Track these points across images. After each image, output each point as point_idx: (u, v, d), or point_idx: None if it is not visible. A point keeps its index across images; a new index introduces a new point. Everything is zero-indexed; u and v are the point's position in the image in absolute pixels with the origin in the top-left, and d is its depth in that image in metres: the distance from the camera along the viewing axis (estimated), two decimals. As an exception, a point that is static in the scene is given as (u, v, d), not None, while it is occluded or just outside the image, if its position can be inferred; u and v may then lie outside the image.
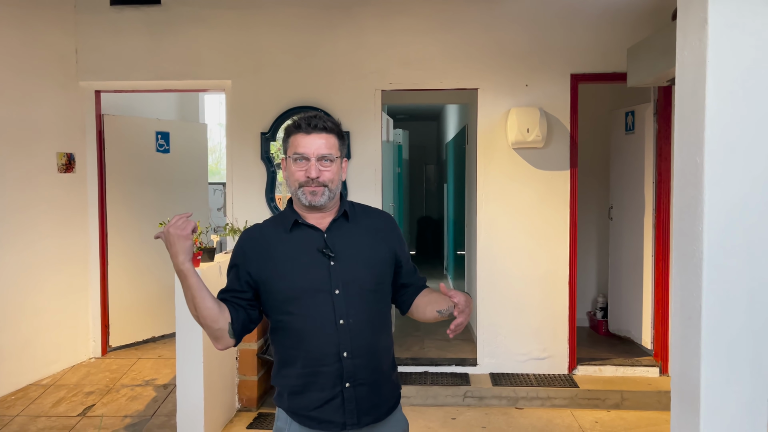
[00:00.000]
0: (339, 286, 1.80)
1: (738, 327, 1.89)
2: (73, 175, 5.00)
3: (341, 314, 1.79)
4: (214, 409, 3.82)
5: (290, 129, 1.85)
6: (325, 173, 1.81)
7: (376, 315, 1.86)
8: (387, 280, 1.91)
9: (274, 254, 1.84)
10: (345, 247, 1.85)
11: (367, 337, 1.83)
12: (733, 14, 1.84)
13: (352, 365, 1.79)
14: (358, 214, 1.94)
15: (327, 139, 1.82)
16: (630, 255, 5.16)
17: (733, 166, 1.86)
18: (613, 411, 4.28)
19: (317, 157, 1.80)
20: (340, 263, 1.82)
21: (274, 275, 1.82)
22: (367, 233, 1.91)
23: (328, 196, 1.83)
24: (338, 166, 1.85)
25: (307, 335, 1.80)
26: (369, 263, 1.86)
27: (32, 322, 4.69)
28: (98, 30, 4.88)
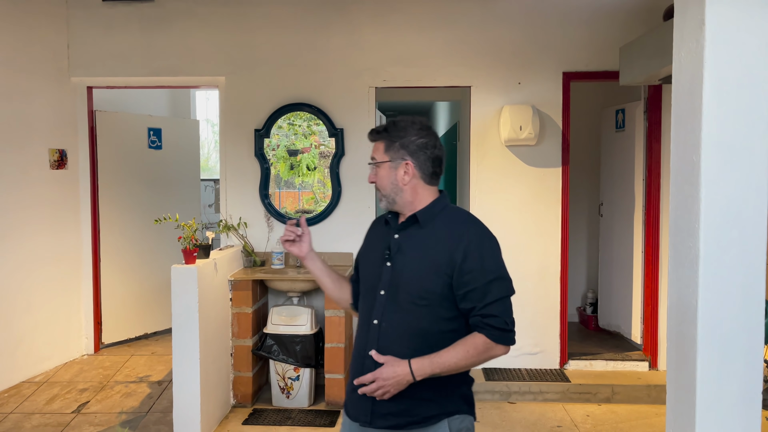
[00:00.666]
0: (385, 287, 1.84)
1: (733, 322, 1.93)
2: (65, 171, 4.98)
3: (377, 315, 1.84)
4: (209, 406, 3.83)
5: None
6: (375, 177, 1.92)
7: (415, 327, 1.80)
8: (437, 296, 1.78)
9: (369, 244, 2.03)
10: (406, 251, 1.85)
11: (399, 345, 1.79)
12: (731, 15, 1.88)
13: (373, 366, 1.80)
14: (438, 220, 1.86)
15: (375, 145, 1.92)
16: (620, 251, 5.23)
17: (730, 164, 1.91)
18: (604, 405, 4.35)
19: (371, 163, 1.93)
20: (394, 266, 1.84)
21: (361, 262, 2.04)
22: (435, 242, 1.82)
23: (386, 201, 1.91)
24: (387, 170, 1.88)
25: (359, 323, 1.94)
26: (418, 273, 1.80)
27: (24, 319, 4.67)
28: (90, 26, 4.86)
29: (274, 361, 4.24)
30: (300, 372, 4.23)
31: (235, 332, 4.26)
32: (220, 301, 4.07)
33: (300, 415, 4.12)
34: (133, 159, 5.53)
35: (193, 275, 3.63)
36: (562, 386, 4.42)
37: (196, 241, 3.80)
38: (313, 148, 4.78)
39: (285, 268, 4.53)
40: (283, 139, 4.77)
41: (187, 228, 3.81)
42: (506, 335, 1.78)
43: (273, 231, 4.73)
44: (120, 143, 5.40)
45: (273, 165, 4.78)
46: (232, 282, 4.25)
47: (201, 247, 3.84)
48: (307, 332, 4.23)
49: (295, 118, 4.76)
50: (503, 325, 1.76)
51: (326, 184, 4.79)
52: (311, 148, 4.78)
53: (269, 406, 4.28)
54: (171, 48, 4.80)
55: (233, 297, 4.25)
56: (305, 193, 4.83)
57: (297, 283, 4.33)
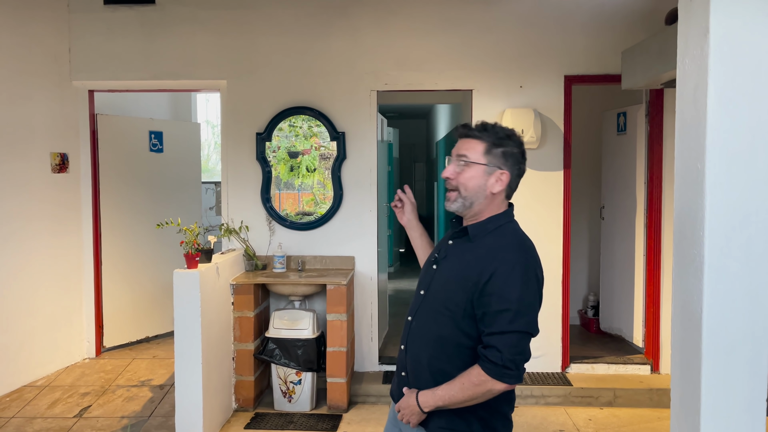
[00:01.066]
0: (426, 289, 1.89)
1: (738, 329, 1.93)
2: (66, 175, 4.98)
3: (412, 312, 1.92)
4: (211, 410, 3.83)
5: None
6: (459, 176, 1.79)
7: (435, 334, 1.80)
8: (459, 311, 1.74)
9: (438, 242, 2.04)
10: (450, 260, 1.85)
11: (418, 346, 1.88)
12: (735, 23, 1.88)
13: (404, 359, 1.93)
14: (486, 237, 1.80)
15: (468, 142, 1.81)
16: (621, 254, 5.23)
17: (735, 172, 1.90)
18: (606, 408, 4.35)
19: (454, 157, 1.82)
20: (438, 271, 1.87)
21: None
22: (472, 259, 1.77)
23: (461, 203, 1.80)
24: (477, 172, 1.77)
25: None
26: (446, 285, 1.81)
27: (26, 323, 4.67)
28: (92, 29, 4.86)
29: (276, 365, 4.24)
30: (302, 376, 4.22)
31: (236, 336, 4.26)
32: (221, 305, 4.07)
33: (302, 419, 4.12)
34: (134, 162, 5.53)
35: (195, 280, 3.63)
36: (564, 390, 4.42)
37: (198, 246, 3.80)
38: (313, 150, 4.78)
39: (286, 272, 4.53)
40: (284, 141, 4.77)
41: (189, 232, 3.80)
42: (501, 371, 1.66)
43: (274, 235, 4.73)
44: (121, 146, 5.40)
45: (273, 167, 4.78)
46: (234, 286, 4.25)
47: (203, 251, 3.84)
48: (308, 336, 4.22)
49: (296, 120, 4.76)
50: (498, 360, 1.65)
51: (326, 185, 4.79)
52: (311, 149, 4.78)
53: (271, 410, 4.28)
54: (172, 52, 4.80)
55: (235, 301, 4.24)
56: (305, 194, 4.83)
57: (299, 287, 4.33)
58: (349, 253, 4.71)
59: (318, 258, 4.72)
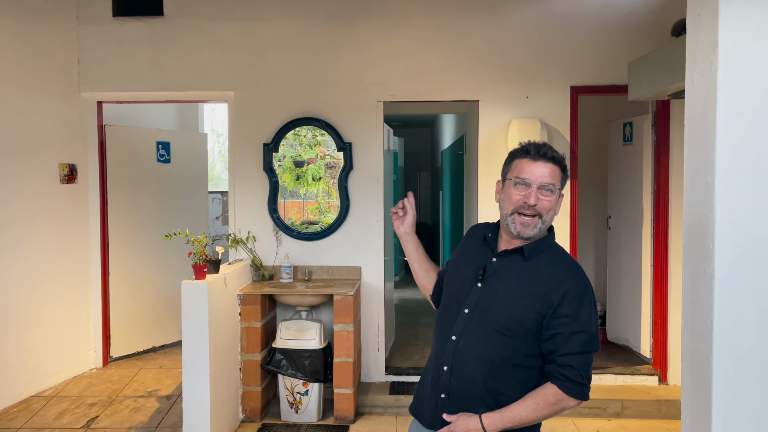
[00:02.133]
0: (471, 307, 1.83)
1: (749, 343, 1.93)
2: (75, 185, 5.00)
3: (457, 332, 1.84)
4: (219, 420, 3.83)
5: (516, 153, 1.86)
6: (544, 202, 1.79)
7: (493, 356, 1.78)
8: (524, 332, 1.76)
9: (462, 254, 2.00)
10: (501, 278, 1.82)
11: (472, 368, 1.80)
12: (744, 37, 1.89)
13: (447, 381, 1.84)
14: (542, 256, 1.83)
15: (552, 169, 1.80)
16: (628, 264, 5.22)
17: (744, 185, 1.91)
18: (614, 420, 4.33)
19: (539, 185, 1.78)
20: (484, 289, 1.83)
21: (450, 270, 2.00)
22: (534, 279, 1.79)
23: (539, 228, 1.81)
24: (556, 197, 1.82)
25: (436, 334, 1.93)
26: (507, 305, 1.78)
27: (33, 333, 4.68)
28: (100, 41, 4.90)
29: (283, 376, 4.24)
30: (309, 386, 4.22)
31: (243, 347, 4.26)
32: (229, 315, 4.08)
33: (309, 430, 4.12)
34: (142, 173, 5.56)
35: (203, 291, 3.64)
36: (572, 401, 4.40)
37: (206, 257, 3.81)
38: (318, 159, 4.80)
39: (293, 282, 4.53)
40: (289, 150, 4.79)
41: (197, 243, 3.82)
42: (579, 389, 1.74)
43: (281, 245, 4.75)
44: (129, 157, 5.43)
45: (280, 176, 4.80)
46: (241, 296, 4.25)
47: (211, 262, 3.85)
48: (315, 347, 4.23)
49: (301, 129, 4.78)
50: (578, 378, 1.73)
51: (331, 194, 4.80)
52: (317, 158, 4.80)
53: (278, 420, 4.27)
54: (180, 63, 4.83)
55: (242, 311, 4.25)
56: (310, 203, 4.84)
57: (306, 298, 4.34)
58: (356, 264, 4.72)
59: (325, 268, 4.72)
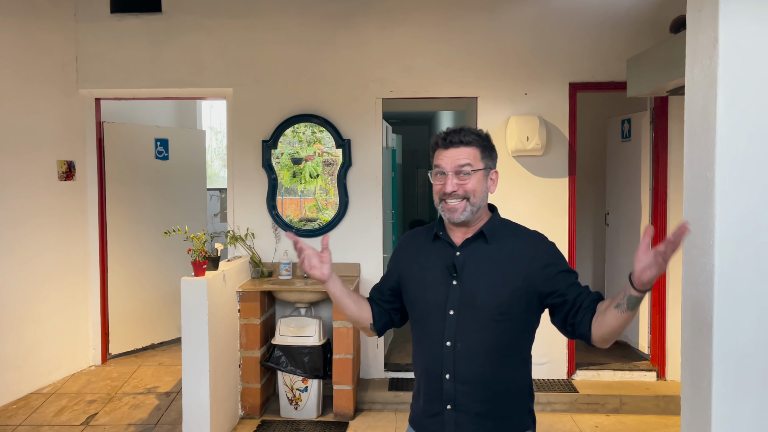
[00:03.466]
0: (454, 307, 1.77)
1: (748, 338, 1.94)
2: (73, 182, 4.99)
3: (449, 336, 1.77)
4: (218, 417, 3.83)
5: (432, 145, 1.85)
6: (465, 184, 1.77)
7: (495, 344, 1.76)
8: (519, 310, 1.75)
9: (415, 262, 1.90)
10: (474, 268, 1.78)
11: (479, 365, 1.76)
12: (745, 33, 1.90)
13: (453, 389, 1.77)
14: (503, 235, 1.83)
15: (465, 151, 1.78)
16: (626, 260, 5.23)
17: (744, 181, 1.91)
18: (613, 415, 4.34)
19: (454, 170, 1.77)
20: (462, 284, 1.77)
21: (409, 282, 1.90)
22: (505, 258, 1.78)
23: (469, 211, 1.77)
24: (480, 177, 1.78)
25: (423, 347, 1.85)
26: (495, 290, 1.75)
27: (32, 330, 4.68)
28: (98, 38, 4.88)
29: (282, 373, 4.25)
30: (308, 383, 4.23)
31: (243, 343, 4.26)
32: (228, 312, 4.08)
33: (308, 427, 4.12)
34: (140, 170, 5.55)
35: (203, 288, 3.64)
36: (570, 397, 4.42)
37: (206, 254, 3.81)
38: (316, 156, 4.80)
39: (292, 279, 4.54)
40: (287, 147, 4.79)
41: (197, 240, 3.82)
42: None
43: (280, 242, 4.75)
44: (127, 154, 5.42)
45: (278, 173, 4.80)
46: (240, 293, 4.25)
47: (210, 259, 3.85)
48: (315, 343, 4.23)
49: (299, 125, 4.77)
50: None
51: (329, 191, 4.80)
52: (314, 155, 4.80)
53: (277, 417, 4.28)
54: (178, 60, 4.82)
55: (241, 308, 4.25)
56: (307, 200, 4.84)
57: (305, 294, 4.34)
58: (355, 260, 4.72)
59: (324, 265, 4.71)
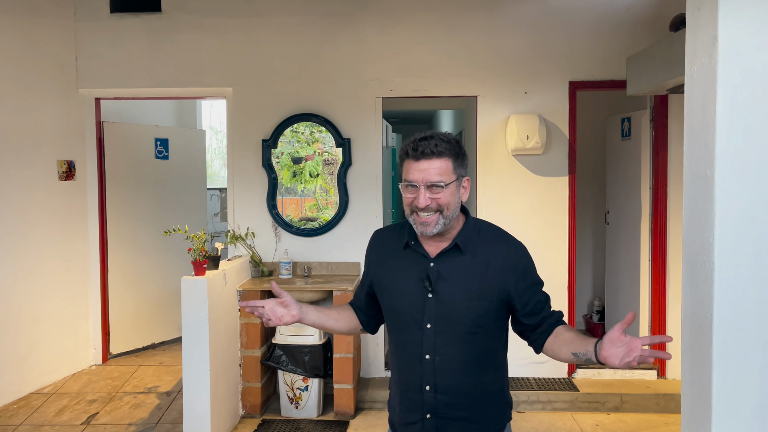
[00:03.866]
0: (432, 320, 1.74)
1: (748, 335, 1.93)
2: (73, 182, 5.00)
3: (428, 350, 1.75)
4: (219, 416, 3.84)
5: (401, 154, 1.74)
6: (438, 198, 1.69)
7: (472, 356, 1.76)
8: (491, 320, 1.76)
9: (387, 270, 1.85)
10: (449, 281, 1.74)
11: (459, 376, 1.75)
12: (744, 31, 1.89)
13: (433, 400, 1.76)
14: (477, 243, 1.78)
15: (438, 164, 1.67)
16: (626, 259, 5.23)
17: (744, 178, 1.91)
18: (613, 414, 4.35)
19: (426, 184, 1.67)
20: (438, 297, 1.74)
21: (383, 290, 1.85)
22: (480, 269, 1.75)
23: (442, 224, 1.71)
24: (453, 189, 1.70)
25: (400, 357, 1.83)
26: (470, 304, 1.73)
27: (33, 330, 4.68)
28: (98, 38, 4.88)
29: (283, 372, 4.25)
30: (308, 382, 4.23)
31: (243, 343, 4.26)
32: (228, 311, 4.08)
33: (309, 426, 4.12)
34: (140, 169, 5.55)
35: (203, 287, 3.64)
36: (571, 395, 4.42)
37: (206, 253, 3.81)
38: (316, 156, 4.80)
39: (293, 278, 4.54)
40: (287, 147, 4.79)
41: (197, 239, 3.82)
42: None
43: (280, 241, 4.75)
44: (127, 154, 5.42)
45: (278, 173, 4.80)
46: (241, 293, 4.26)
47: (210, 258, 3.85)
48: (315, 342, 4.23)
49: (299, 126, 4.78)
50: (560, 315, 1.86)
51: (329, 190, 4.80)
52: (314, 155, 4.80)
53: (278, 416, 4.28)
54: (178, 59, 4.82)
55: (242, 308, 4.25)
56: (307, 200, 4.84)
57: (305, 293, 4.34)
58: (355, 259, 4.72)
59: (324, 264, 4.72)
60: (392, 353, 1.88)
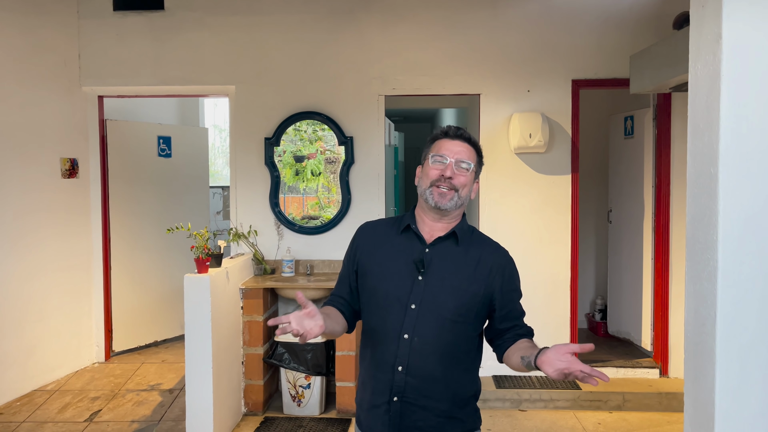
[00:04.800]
0: (417, 302, 1.80)
1: (751, 334, 1.93)
2: (76, 180, 5.00)
3: (408, 329, 1.79)
4: (221, 414, 3.84)
5: (436, 135, 1.89)
6: (460, 177, 1.82)
7: (448, 345, 1.81)
8: (473, 316, 1.83)
9: (378, 252, 1.90)
10: (440, 267, 1.82)
11: (432, 362, 1.79)
12: (748, 29, 1.89)
13: (403, 381, 1.79)
14: (471, 241, 1.89)
15: (468, 149, 1.86)
16: (629, 258, 5.22)
17: (748, 177, 1.91)
18: (616, 412, 4.34)
19: (456, 160, 1.82)
20: (427, 280, 1.80)
21: (369, 272, 1.89)
22: (471, 263, 1.85)
23: (455, 202, 1.83)
24: (471, 178, 1.86)
25: (377, 338, 1.85)
26: (456, 292, 1.80)
27: (36, 328, 4.69)
28: (101, 35, 4.89)
29: (285, 369, 4.25)
30: (311, 380, 4.23)
31: (246, 340, 4.27)
32: (231, 309, 4.08)
33: (311, 423, 4.13)
34: (143, 167, 5.56)
35: (206, 284, 3.65)
36: (573, 394, 4.42)
37: (209, 250, 3.81)
38: (318, 154, 4.80)
39: (295, 276, 4.54)
40: (290, 145, 4.79)
41: (200, 237, 3.82)
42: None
43: (283, 239, 4.75)
44: (130, 152, 5.43)
45: (280, 171, 4.80)
46: (243, 290, 4.26)
47: (213, 256, 3.86)
48: (317, 340, 4.23)
49: (301, 124, 4.78)
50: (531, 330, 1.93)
51: (331, 189, 4.80)
52: (317, 153, 4.80)
53: (280, 414, 4.29)
54: (181, 57, 4.82)
55: (244, 305, 4.26)
56: (309, 198, 4.85)
57: (307, 291, 4.34)
58: (358, 258, 4.72)
59: (326, 262, 4.73)
60: (367, 339, 1.90)
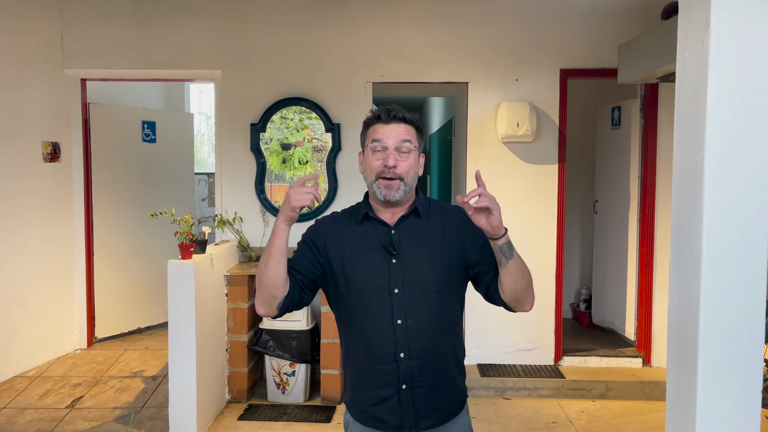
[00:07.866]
0: (399, 284, 1.77)
1: (734, 322, 1.94)
2: (58, 164, 4.93)
3: (399, 314, 1.76)
4: (205, 401, 3.82)
5: (369, 120, 1.83)
6: (402, 163, 1.77)
7: (439, 316, 1.79)
8: (454, 280, 1.82)
9: (345, 245, 1.83)
10: (410, 244, 1.79)
11: (429, 338, 1.77)
12: (736, 17, 1.88)
13: (408, 367, 1.76)
14: (431, 211, 1.87)
15: (406, 128, 1.80)
16: (614, 248, 5.25)
17: (733, 165, 1.91)
18: (598, 401, 4.38)
19: (395, 145, 1.77)
20: (402, 261, 1.78)
21: (342, 266, 1.82)
22: (437, 231, 1.83)
23: (403, 191, 1.78)
24: (415, 158, 1.80)
25: (367, 330, 1.79)
26: (433, 263, 1.78)
27: (17, 313, 4.64)
28: (85, 17, 4.80)
29: (270, 357, 4.24)
30: (295, 367, 4.22)
31: (230, 327, 4.24)
32: (215, 296, 4.06)
33: (295, 411, 4.12)
34: (127, 152, 5.49)
35: (189, 271, 3.61)
36: (557, 382, 4.44)
37: (193, 237, 3.78)
38: (305, 142, 4.77)
39: (281, 264, 4.51)
40: (276, 133, 4.75)
41: (184, 223, 3.78)
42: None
43: (268, 226, 4.72)
44: (114, 136, 5.36)
45: (267, 158, 4.76)
46: (228, 277, 4.23)
47: (197, 242, 3.82)
48: (302, 328, 4.22)
49: (288, 112, 4.74)
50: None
51: (318, 178, 4.77)
52: (304, 141, 4.77)
53: (264, 401, 4.27)
54: (166, 41, 4.75)
55: (229, 292, 4.23)
56: (297, 187, 4.82)
57: (293, 279, 4.32)
58: (344, 245, 4.70)
59: (312, 250, 4.69)
60: (354, 336, 1.83)
